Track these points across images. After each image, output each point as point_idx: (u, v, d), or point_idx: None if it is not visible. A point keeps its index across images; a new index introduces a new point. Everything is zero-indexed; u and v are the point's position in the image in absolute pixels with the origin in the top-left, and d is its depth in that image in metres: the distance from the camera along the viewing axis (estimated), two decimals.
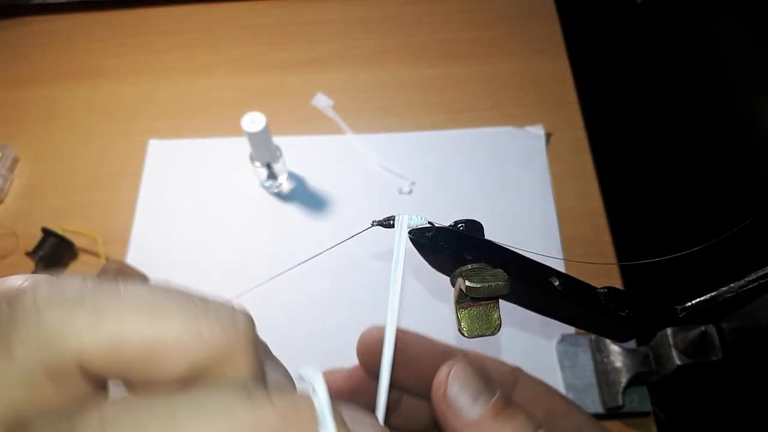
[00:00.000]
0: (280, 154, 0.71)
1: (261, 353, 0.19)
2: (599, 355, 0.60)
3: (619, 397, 0.57)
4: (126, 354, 0.15)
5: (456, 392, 0.25)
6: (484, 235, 0.27)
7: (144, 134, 0.80)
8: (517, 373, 0.32)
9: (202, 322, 0.16)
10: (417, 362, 0.30)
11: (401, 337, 0.29)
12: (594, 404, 0.59)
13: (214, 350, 0.16)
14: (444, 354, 0.30)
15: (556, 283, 0.27)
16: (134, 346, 0.15)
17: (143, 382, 0.16)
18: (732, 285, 0.30)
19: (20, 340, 0.15)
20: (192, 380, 0.16)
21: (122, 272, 0.61)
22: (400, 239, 0.26)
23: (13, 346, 0.15)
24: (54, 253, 0.69)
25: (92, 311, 0.15)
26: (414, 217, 0.26)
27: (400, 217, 0.26)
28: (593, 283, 0.29)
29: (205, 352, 0.16)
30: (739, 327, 0.53)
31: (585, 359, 0.61)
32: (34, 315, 0.15)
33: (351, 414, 0.18)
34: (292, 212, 0.74)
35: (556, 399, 0.32)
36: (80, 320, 0.15)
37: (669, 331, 0.55)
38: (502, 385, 0.32)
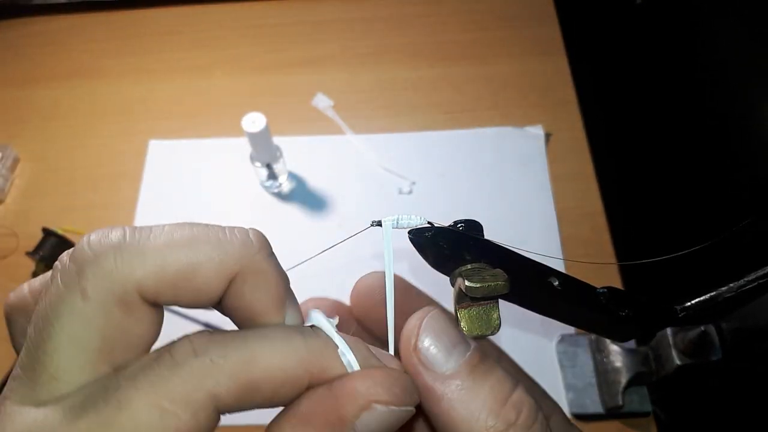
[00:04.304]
0: (280, 154, 0.71)
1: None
2: (599, 355, 0.61)
3: (619, 397, 0.57)
4: (170, 276, 0.19)
5: (428, 344, 0.22)
6: (483, 235, 0.27)
7: (144, 134, 0.80)
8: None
9: (222, 240, 0.20)
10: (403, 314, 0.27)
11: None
12: (594, 404, 0.59)
13: (239, 261, 0.20)
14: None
15: (556, 283, 0.27)
16: (176, 268, 0.19)
17: (193, 303, 0.20)
18: (732, 285, 0.30)
19: (90, 283, 0.19)
20: (233, 300, 0.21)
21: None
22: (387, 244, 0.26)
23: (87, 290, 0.19)
24: (54, 253, 0.69)
25: (137, 250, 0.19)
26: (413, 216, 0.26)
27: (386, 222, 0.26)
28: (593, 283, 0.29)
29: (232, 263, 0.20)
30: (739, 327, 0.53)
31: (585, 359, 0.62)
32: (93, 261, 0.19)
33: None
34: (292, 212, 0.74)
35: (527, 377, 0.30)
36: (129, 258, 0.19)
37: (669, 331, 0.55)
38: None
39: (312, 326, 0.22)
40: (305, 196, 0.74)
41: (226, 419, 0.20)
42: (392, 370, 0.22)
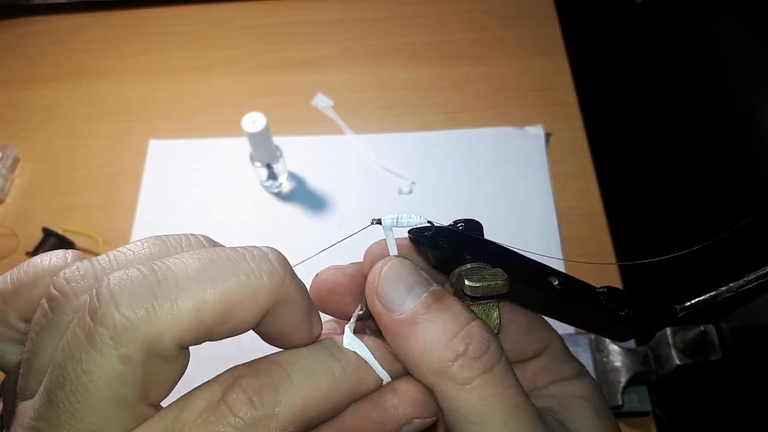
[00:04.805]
0: (280, 154, 0.71)
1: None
2: (599, 354, 0.61)
3: (619, 396, 0.57)
4: (207, 325, 0.19)
5: (387, 288, 0.24)
6: (483, 235, 0.27)
7: (144, 134, 0.80)
8: None
9: (252, 277, 0.20)
10: None
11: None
12: None
13: (270, 296, 0.20)
14: None
15: (556, 283, 0.27)
16: (212, 317, 0.19)
17: (225, 337, 0.20)
18: (731, 285, 0.30)
19: (129, 348, 0.18)
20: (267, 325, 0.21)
21: None
22: (389, 243, 0.26)
23: (126, 355, 0.18)
24: None
25: (170, 306, 0.18)
26: (414, 215, 0.26)
27: (386, 220, 0.26)
28: (593, 283, 0.29)
29: (264, 302, 0.20)
30: (739, 327, 0.53)
31: (584, 359, 0.61)
32: (128, 327, 0.18)
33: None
34: (292, 212, 0.74)
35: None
36: (164, 316, 0.18)
37: (668, 330, 0.55)
38: None
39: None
40: (305, 196, 0.74)
41: None
42: (423, 387, 0.23)
